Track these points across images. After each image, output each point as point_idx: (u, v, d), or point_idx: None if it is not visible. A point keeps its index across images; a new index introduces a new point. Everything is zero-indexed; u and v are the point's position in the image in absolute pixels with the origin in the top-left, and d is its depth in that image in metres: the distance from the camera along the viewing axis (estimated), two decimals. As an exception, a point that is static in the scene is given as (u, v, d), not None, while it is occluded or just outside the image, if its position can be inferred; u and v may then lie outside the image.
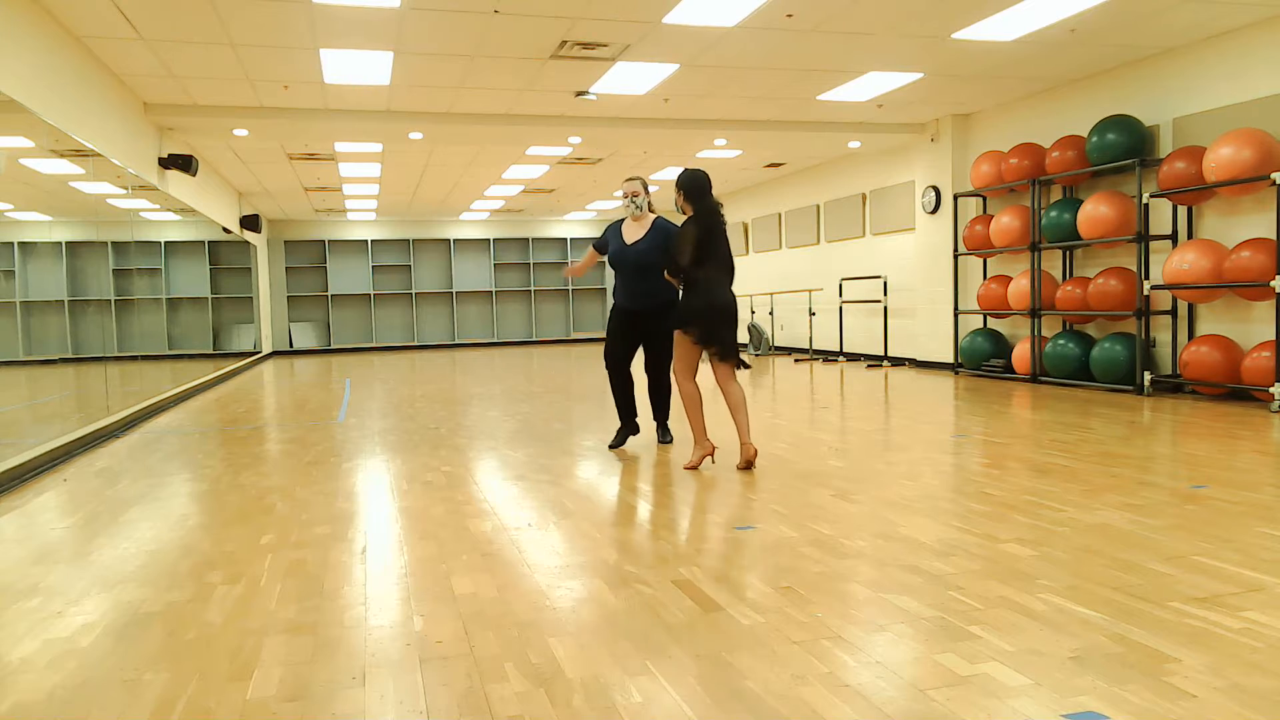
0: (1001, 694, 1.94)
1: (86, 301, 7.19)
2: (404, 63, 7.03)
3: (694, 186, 4.66)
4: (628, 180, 5.22)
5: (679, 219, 4.92)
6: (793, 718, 1.87)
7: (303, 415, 7.54)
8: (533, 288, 19.46)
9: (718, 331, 4.61)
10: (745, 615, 2.48)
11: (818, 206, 13.24)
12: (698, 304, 4.60)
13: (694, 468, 4.65)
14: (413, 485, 4.46)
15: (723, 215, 4.68)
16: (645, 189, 5.20)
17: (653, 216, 5.24)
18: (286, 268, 17.96)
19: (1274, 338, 6.31)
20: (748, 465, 4.60)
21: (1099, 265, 8.11)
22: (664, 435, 5.51)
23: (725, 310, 4.61)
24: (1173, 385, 7.34)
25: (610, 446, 5.40)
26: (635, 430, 5.43)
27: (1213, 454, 4.66)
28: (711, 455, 4.71)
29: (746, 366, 4.74)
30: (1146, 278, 7.25)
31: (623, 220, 5.33)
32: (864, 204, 12.07)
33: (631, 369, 5.46)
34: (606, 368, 5.41)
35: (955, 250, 9.71)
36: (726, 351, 4.63)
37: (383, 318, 18.70)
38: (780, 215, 14.34)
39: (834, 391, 8.32)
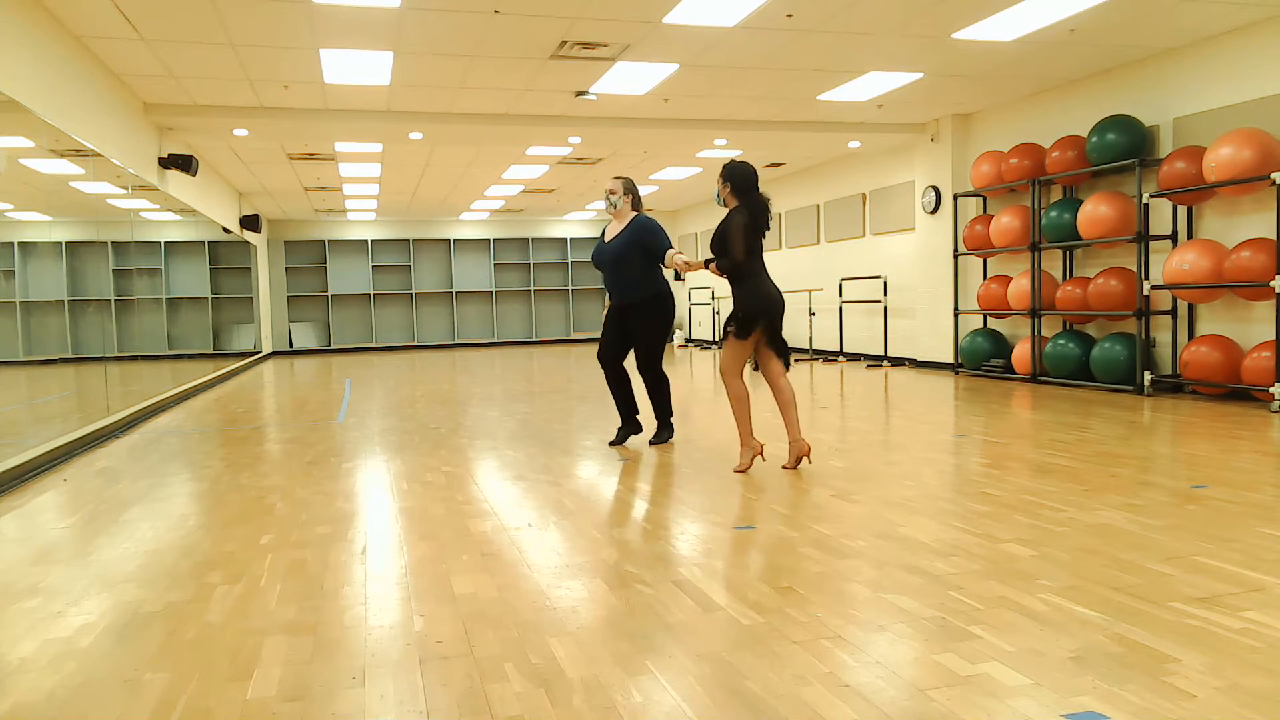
0: (1001, 694, 1.94)
1: (86, 301, 7.18)
2: (404, 63, 7.03)
3: (742, 178, 4.51)
4: (611, 180, 5.35)
5: (707, 214, 4.95)
6: (793, 718, 1.87)
7: (303, 415, 7.54)
8: (533, 288, 19.45)
9: (778, 326, 4.52)
10: (745, 615, 2.48)
11: (818, 206, 13.24)
12: (758, 300, 4.44)
13: (744, 470, 4.51)
14: (413, 485, 4.46)
15: (769, 210, 4.54)
16: (626, 190, 5.30)
17: (633, 214, 5.33)
18: (286, 268, 17.95)
19: (1274, 338, 6.31)
20: (797, 462, 4.51)
21: (1099, 265, 8.10)
22: (660, 435, 5.44)
23: (781, 304, 4.53)
24: (1173, 385, 7.33)
25: (611, 443, 5.43)
26: (637, 429, 5.45)
27: (1213, 454, 4.66)
28: (761, 454, 4.59)
29: (788, 366, 4.61)
30: (1146, 278, 7.25)
31: (610, 223, 5.45)
32: (864, 204, 12.07)
33: (627, 367, 5.49)
34: (601, 367, 5.47)
35: (955, 250, 9.70)
36: (783, 347, 4.55)
37: (383, 318, 18.69)
38: (780, 215, 14.32)
39: (834, 391, 8.32)
